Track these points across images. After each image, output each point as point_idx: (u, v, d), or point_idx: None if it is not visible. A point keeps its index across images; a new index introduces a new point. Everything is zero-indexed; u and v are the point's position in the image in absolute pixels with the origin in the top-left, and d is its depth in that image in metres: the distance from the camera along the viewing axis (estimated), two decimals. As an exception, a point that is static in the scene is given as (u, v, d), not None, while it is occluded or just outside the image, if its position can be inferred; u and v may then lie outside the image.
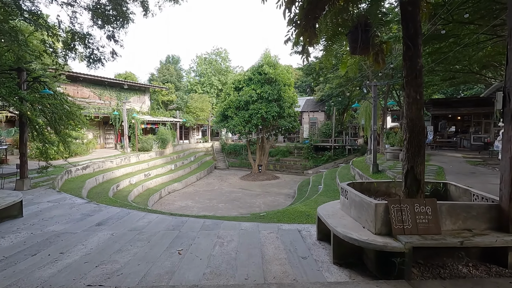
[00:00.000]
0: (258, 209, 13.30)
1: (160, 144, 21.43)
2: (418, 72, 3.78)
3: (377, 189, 4.68)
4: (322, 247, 4.00)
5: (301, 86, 44.15)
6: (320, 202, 10.10)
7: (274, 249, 3.91)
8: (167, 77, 35.19)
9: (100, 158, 15.21)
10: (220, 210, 13.06)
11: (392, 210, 3.09)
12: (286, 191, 17.35)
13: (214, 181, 20.57)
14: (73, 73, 17.39)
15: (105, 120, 19.53)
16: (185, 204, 14.17)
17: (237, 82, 20.67)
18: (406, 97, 3.82)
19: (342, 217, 3.86)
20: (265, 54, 20.36)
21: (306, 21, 4.30)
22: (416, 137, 3.72)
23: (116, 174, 14.78)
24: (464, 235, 3.02)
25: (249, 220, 7.79)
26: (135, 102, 23.03)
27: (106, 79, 19.32)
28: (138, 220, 5.41)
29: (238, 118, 19.70)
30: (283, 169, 24.88)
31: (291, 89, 21.42)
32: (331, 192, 11.35)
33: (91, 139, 17.45)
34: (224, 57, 40.73)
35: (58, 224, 5.06)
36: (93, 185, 12.30)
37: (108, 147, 20.67)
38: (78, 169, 12.70)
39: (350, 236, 3.13)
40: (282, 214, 8.63)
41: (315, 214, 8.36)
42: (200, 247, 3.99)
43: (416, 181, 3.72)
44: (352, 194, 3.80)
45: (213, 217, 8.27)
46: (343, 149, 24.02)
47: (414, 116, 3.73)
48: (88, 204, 6.62)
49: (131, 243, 4.15)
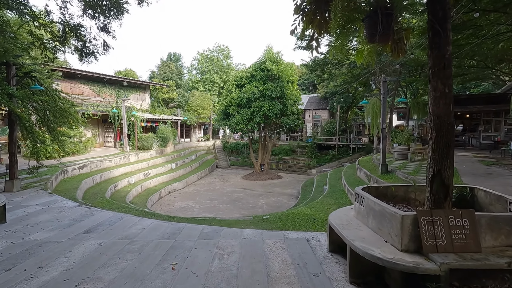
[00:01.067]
0: (260, 210, 12.85)
1: (161, 142, 21.01)
2: (447, 62, 3.28)
3: (394, 194, 4.19)
4: (335, 260, 3.53)
5: (304, 83, 43.54)
6: (326, 204, 9.64)
7: (280, 263, 3.44)
8: (167, 75, 34.70)
9: (98, 157, 14.80)
10: (221, 211, 12.62)
11: (423, 223, 2.61)
12: (289, 191, 16.88)
13: (216, 181, 20.14)
14: (71, 70, 16.98)
15: (104, 118, 19.12)
16: (185, 204, 13.74)
17: (239, 79, 20.15)
18: (433, 90, 3.33)
19: (359, 228, 3.39)
20: (268, 50, 19.81)
21: (317, 5, 3.81)
22: (444, 136, 3.24)
23: (115, 173, 14.37)
24: (510, 254, 2.54)
25: (251, 225, 7.34)
26: (135, 99, 22.60)
27: (105, 76, 18.88)
28: (131, 226, 4.96)
29: (240, 116, 19.21)
30: (286, 168, 24.40)
31: (294, 86, 20.89)
32: (337, 193, 10.86)
33: (89, 138, 17.04)
34: (226, 54, 40.18)
35: (42, 232, 4.62)
36: (90, 185, 11.89)
37: (108, 145, 20.27)
38: (75, 168, 12.30)
39: (371, 253, 2.65)
40: (286, 217, 8.16)
41: (323, 218, 7.90)
42: (197, 260, 3.53)
43: (443, 187, 3.23)
44: (371, 202, 3.32)
45: (213, 221, 7.82)
46: (348, 147, 23.47)
47: (441, 112, 3.24)
48: (79, 207, 6.19)
49: (120, 255, 3.69)
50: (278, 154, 25.59)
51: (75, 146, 14.65)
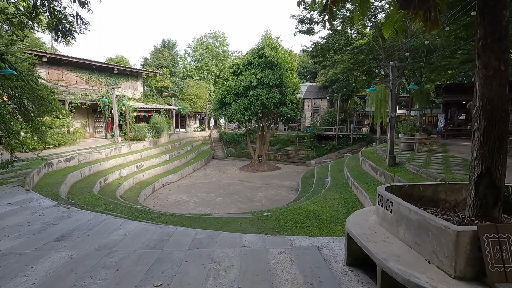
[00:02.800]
0: (259, 204, 12.27)
1: (154, 133, 20.17)
2: (504, 31, 2.57)
3: (421, 195, 3.53)
4: (356, 278, 2.89)
5: (302, 72, 42.45)
6: (330, 199, 9.05)
7: (290, 282, 2.80)
8: (161, 62, 33.33)
9: (87, 148, 13.98)
10: (217, 205, 12.01)
11: (486, 243, 1.96)
12: (288, 183, 16.31)
13: (212, 172, 19.48)
14: (57, 56, 15.90)
15: (94, 108, 18.16)
16: (180, 198, 13.10)
17: (236, 66, 19.18)
18: (483, 68, 2.63)
19: (387, 240, 2.74)
20: (266, 35, 18.82)
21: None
22: (497, 126, 2.58)
23: (105, 166, 13.61)
24: None
25: (251, 224, 6.72)
26: (126, 88, 21.57)
27: (94, 63, 17.79)
28: (112, 231, 4.27)
29: (237, 105, 18.37)
30: (284, 159, 23.80)
31: (293, 74, 20.01)
32: (341, 187, 10.27)
33: (78, 128, 16.13)
34: (222, 41, 38.83)
35: (6, 239, 3.92)
36: (78, 179, 11.15)
37: (98, 136, 19.39)
38: (61, 161, 11.51)
39: (416, 282, 1.99)
40: (288, 214, 7.55)
41: (328, 215, 7.28)
42: (187, 279, 2.87)
43: (494, 189, 2.60)
44: (404, 209, 2.66)
45: (209, 219, 7.18)
46: (348, 138, 22.85)
47: (494, 95, 2.55)
48: (56, 207, 5.47)
49: (93, 272, 3.02)
50: (276, 144, 24.93)
51: (62, 137, 13.78)
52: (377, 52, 13.35)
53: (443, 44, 11.41)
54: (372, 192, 8.00)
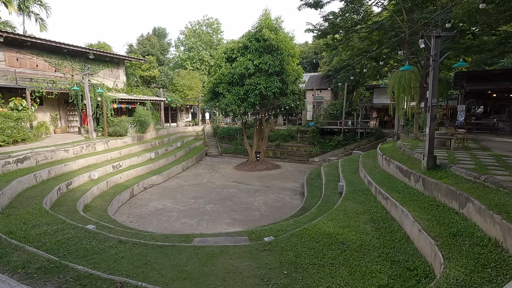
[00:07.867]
0: (257, 213, 10.10)
1: (138, 127, 17.81)
2: None
3: None
4: None
5: (302, 63, 39.95)
6: (352, 214, 6.85)
7: None
8: (148, 49, 30.40)
9: (51, 145, 11.62)
10: (207, 215, 9.81)
11: None
12: (291, 184, 14.14)
13: (204, 172, 17.23)
14: (16, 36, 13.36)
15: (65, 98, 15.69)
16: (162, 205, 10.86)
17: (230, 51, 16.72)
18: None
19: None
20: (265, 15, 16.38)
21: None
22: None
23: (72, 167, 11.30)
24: None
25: (247, 257, 4.49)
26: (106, 76, 19.07)
27: (65, 46, 15.20)
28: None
29: (232, 95, 15.99)
30: (285, 156, 21.59)
31: (295, 60, 17.65)
32: (361, 195, 8.10)
33: (43, 122, 13.68)
34: (216, 28, 36.15)
35: None
36: (29, 185, 8.87)
37: (72, 131, 16.93)
38: (9, 162, 9.18)
39: None
40: (299, 240, 5.37)
41: (355, 242, 4.99)
42: None
43: None
44: None
45: (186, 248, 4.91)
46: (355, 132, 20.67)
47: None
48: None
49: None
50: (275, 140, 22.69)
51: (19, 132, 11.37)
52: (399, 29, 11.08)
53: (493, 11, 9.07)
54: (412, 205, 5.84)
